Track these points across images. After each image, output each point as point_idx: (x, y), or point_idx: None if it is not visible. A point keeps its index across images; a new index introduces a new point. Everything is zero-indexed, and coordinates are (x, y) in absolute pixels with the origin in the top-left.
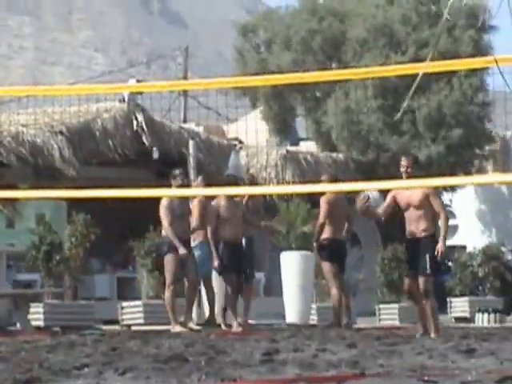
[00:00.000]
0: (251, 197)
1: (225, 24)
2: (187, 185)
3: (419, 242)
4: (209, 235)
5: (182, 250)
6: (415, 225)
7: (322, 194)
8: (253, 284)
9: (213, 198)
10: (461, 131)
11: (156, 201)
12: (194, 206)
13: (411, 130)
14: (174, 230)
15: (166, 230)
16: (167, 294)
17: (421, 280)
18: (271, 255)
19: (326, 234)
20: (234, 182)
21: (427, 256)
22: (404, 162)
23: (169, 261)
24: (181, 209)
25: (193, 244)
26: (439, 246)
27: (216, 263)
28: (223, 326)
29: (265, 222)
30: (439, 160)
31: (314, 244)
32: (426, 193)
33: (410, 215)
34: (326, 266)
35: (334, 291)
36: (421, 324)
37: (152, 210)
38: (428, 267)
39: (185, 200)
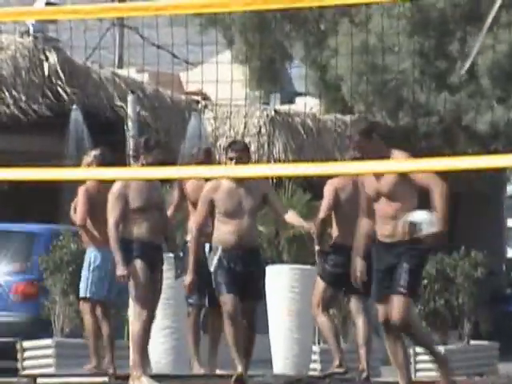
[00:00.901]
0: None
1: None
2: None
3: (395, 248)
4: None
5: (120, 270)
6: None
7: (329, 178)
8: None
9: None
10: None
11: (77, 184)
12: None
13: (468, 83)
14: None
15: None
16: (136, 325)
17: (394, 304)
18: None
19: (332, 237)
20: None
21: (405, 267)
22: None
23: (135, 274)
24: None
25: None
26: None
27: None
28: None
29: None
30: (509, 129)
31: (316, 249)
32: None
33: (382, 209)
34: (319, 286)
35: (321, 318)
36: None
37: (72, 198)
38: (405, 284)
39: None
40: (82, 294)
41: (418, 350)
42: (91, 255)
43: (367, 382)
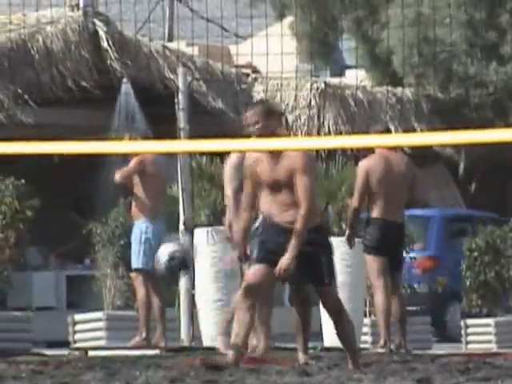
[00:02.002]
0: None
1: None
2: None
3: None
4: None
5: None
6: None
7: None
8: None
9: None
10: None
11: (128, 159)
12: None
13: None
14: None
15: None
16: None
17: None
18: None
19: (375, 212)
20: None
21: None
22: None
23: None
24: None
25: None
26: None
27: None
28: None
29: None
30: None
31: (347, 233)
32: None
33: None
34: (371, 262)
35: (380, 297)
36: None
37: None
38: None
39: None
40: (133, 266)
41: (469, 321)
42: (142, 227)
43: (405, 352)
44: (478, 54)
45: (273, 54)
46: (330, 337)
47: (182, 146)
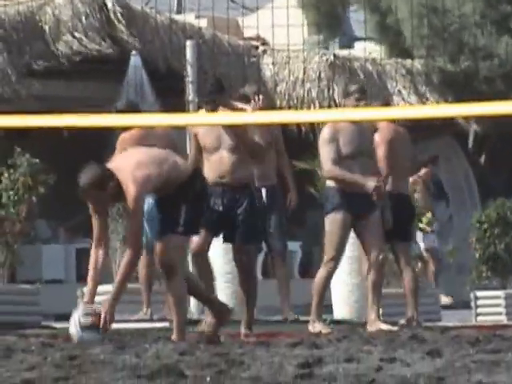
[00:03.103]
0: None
1: None
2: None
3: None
4: None
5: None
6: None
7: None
8: (285, 260)
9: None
10: None
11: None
12: None
13: None
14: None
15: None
16: (322, 272)
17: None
18: (310, 215)
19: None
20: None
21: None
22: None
23: (334, 221)
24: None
25: None
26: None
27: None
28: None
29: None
30: None
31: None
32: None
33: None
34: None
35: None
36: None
37: None
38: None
39: None
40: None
41: (479, 293)
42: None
43: (417, 325)
44: (489, 26)
45: (281, 25)
46: (340, 309)
47: (190, 118)
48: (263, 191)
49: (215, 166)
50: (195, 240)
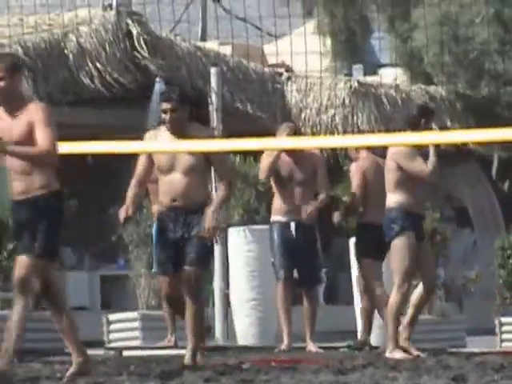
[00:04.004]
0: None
1: None
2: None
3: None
4: None
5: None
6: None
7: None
8: (315, 290)
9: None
10: None
11: None
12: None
13: None
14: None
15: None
16: (396, 297)
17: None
18: (335, 241)
19: (365, 216)
20: None
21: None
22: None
23: (404, 242)
24: None
25: None
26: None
27: None
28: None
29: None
30: None
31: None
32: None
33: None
34: (365, 264)
35: (379, 292)
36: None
37: None
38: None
39: None
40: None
41: (503, 319)
42: (154, 228)
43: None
44: (509, 51)
45: (306, 53)
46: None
47: (215, 145)
48: (292, 225)
49: (167, 189)
50: (163, 283)
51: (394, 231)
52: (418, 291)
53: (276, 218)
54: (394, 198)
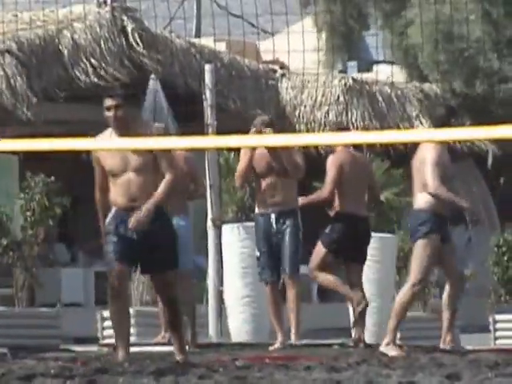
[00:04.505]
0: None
1: None
2: None
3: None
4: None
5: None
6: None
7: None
8: (298, 281)
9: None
10: None
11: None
12: None
13: None
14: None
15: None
16: (407, 295)
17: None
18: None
19: (343, 206)
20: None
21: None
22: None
23: (427, 244)
24: None
25: None
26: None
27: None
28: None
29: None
30: None
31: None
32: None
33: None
34: (324, 254)
35: (322, 276)
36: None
37: None
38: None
39: None
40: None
41: (497, 317)
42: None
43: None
44: (501, 49)
45: (299, 50)
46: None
47: (209, 141)
48: (272, 216)
49: (123, 190)
50: (113, 274)
51: (420, 233)
52: (445, 294)
53: (258, 210)
54: (424, 199)
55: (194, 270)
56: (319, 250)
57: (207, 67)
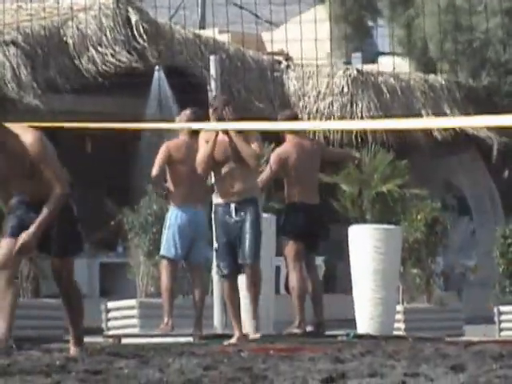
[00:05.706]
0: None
1: None
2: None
3: None
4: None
5: None
6: None
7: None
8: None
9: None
10: None
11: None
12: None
13: None
14: None
15: None
16: None
17: None
18: (334, 230)
19: (292, 196)
20: None
21: None
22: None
23: None
24: None
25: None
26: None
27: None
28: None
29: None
30: None
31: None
32: None
33: None
34: (289, 244)
35: (296, 280)
36: None
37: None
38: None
39: None
40: (160, 252)
41: (502, 308)
42: (169, 213)
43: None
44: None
45: (305, 40)
46: (363, 324)
47: (214, 126)
48: (232, 206)
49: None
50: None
51: None
52: None
53: (217, 200)
54: None
55: (205, 262)
56: (285, 244)
57: (212, 58)
